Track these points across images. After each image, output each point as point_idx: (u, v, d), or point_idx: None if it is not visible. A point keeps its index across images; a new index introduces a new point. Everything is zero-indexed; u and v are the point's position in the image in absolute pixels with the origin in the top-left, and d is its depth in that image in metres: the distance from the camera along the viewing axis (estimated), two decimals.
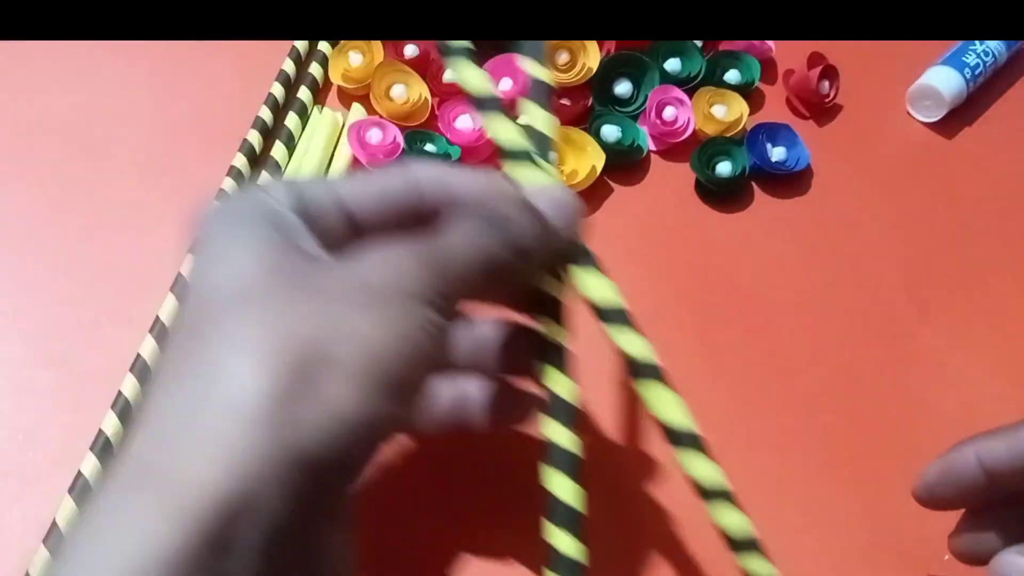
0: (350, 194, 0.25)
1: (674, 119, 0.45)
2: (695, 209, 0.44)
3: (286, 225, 0.23)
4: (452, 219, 0.24)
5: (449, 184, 0.26)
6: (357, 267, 0.22)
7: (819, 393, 0.39)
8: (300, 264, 0.22)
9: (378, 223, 0.25)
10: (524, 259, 0.24)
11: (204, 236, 0.23)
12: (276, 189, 0.24)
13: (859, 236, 0.44)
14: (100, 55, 0.47)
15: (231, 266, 0.21)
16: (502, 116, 0.27)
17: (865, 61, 0.50)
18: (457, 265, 0.23)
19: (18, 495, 0.34)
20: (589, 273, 0.26)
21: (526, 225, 0.24)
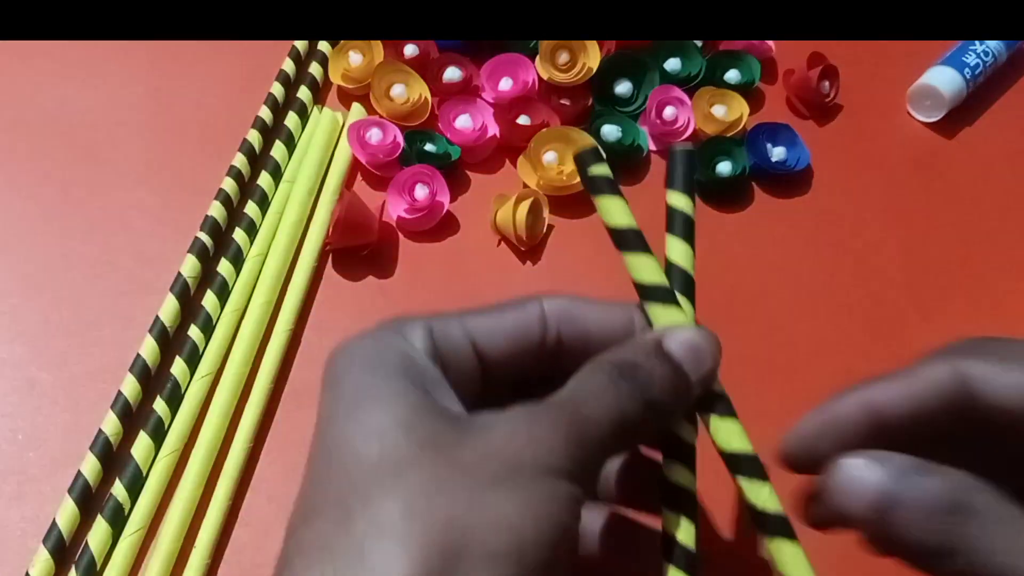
0: (480, 331, 0.24)
1: (674, 119, 0.45)
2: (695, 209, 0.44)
3: (424, 376, 0.22)
4: (583, 368, 0.23)
5: (577, 318, 0.25)
6: (498, 437, 0.21)
7: (819, 393, 0.39)
8: (442, 431, 0.21)
9: (507, 360, 0.25)
10: (658, 414, 0.23)
11: (340, 384, 0.23)
12: (412, 331, 0.24)
13: (859, 236, 0.44)
14: (100, 55, 0.47)
15: (374, 432, 0.21)
16: (644, 252, 0.25)
17: (865, 61, 0.50)
18: (594, 431, 0.22)
19: (18, 495, 0.34)
20: (724, 421, 0.25)
21: (660, 376, 0.23)
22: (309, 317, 0.40)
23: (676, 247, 0.26)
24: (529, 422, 0.21)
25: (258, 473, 0.35)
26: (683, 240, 0.26)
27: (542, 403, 0.22)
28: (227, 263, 0.39)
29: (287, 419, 0.37)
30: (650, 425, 0.23)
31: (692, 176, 0.26)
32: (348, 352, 0.23)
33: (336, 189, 0.42)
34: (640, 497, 0.28)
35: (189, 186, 0.42)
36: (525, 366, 0.25)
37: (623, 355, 0.23)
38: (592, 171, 0.26)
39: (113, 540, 0.33)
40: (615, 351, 0.24)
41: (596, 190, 0.26)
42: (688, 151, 0.26)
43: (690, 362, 0.24)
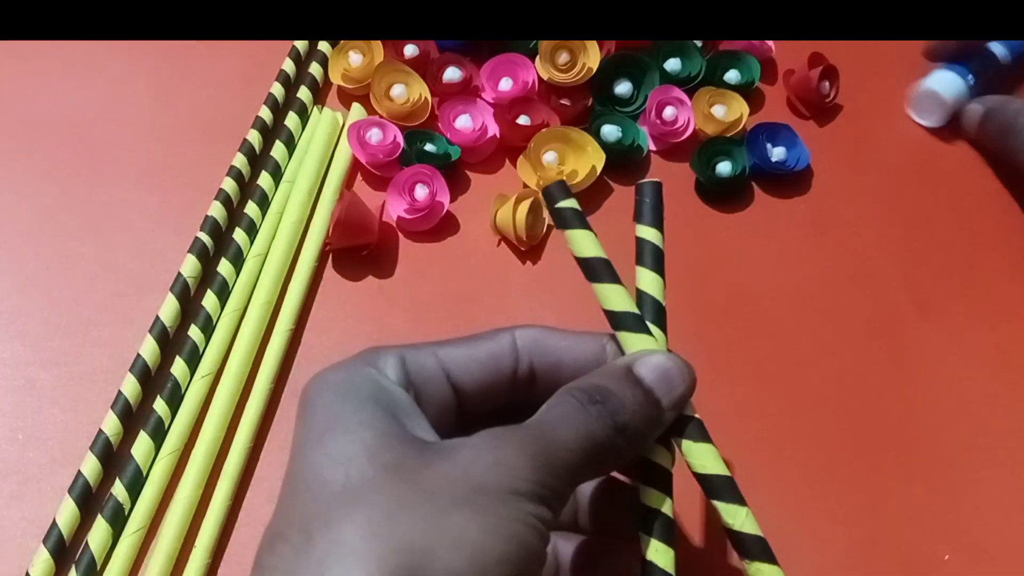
0: (453, 362, 0.25)
1: (674, 119, 0.45)
2: (695, 209, 0.44)
3: (395, 404, 0.23)
4: (554, 395, 0.23)
5: (548, 349, 0.25)
6: (462, 460, 0.21)
7: (819, 393, 0.39)
8: (408, 455, 0.21)
9: (481, 390, 0.25)
10: (629, 438, 0.23)
11: (311, 413, 0.23)
12: (385, 362, 0.24)
13: (859, 236, 0.44)
14: (100, 55, 0.47)
15: (340, 457, 0.21)
16: (613, 282, 0.26)
17: (865, 61, 0.50)
18: (562, 453, 0.22)
19: (18, 495, 0.34)
20: (697, 445, 0.25)
21: (631, 401, 0.23)
22: (309, 317, 0.40)
23: (646, 277, 0.26)
24: (495, 445, 0.21)
25: (258, 473, 0.35)
26: (653, 271, 0.26)
27: (509, 427, 0.22)
28: (227, 263, 0.39)
29: (287, 419, 0.37)
30: (621, 449, 0.23)
31: (660, 208, 0.27)
32: (321, 381, 0.23)
33: (336, 189, 0.42)
34: (615, 524, 0.28)
35: (189, 186, 0.42)
36: (499, 396, 0.25)
37: (594, 380, 0.24)
38: (560, 204, 0.26)
39: (113, 540, 0.33)
40: (586, 378, 0.24)
41: (564, 223, 0.26)
42: (656, 184, 0.27)
43: (661, 386, 0.24)
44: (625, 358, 0.25)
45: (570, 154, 0.43)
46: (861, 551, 0.35)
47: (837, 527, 0.35)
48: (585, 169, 0.42)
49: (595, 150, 0.43)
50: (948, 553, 0.35)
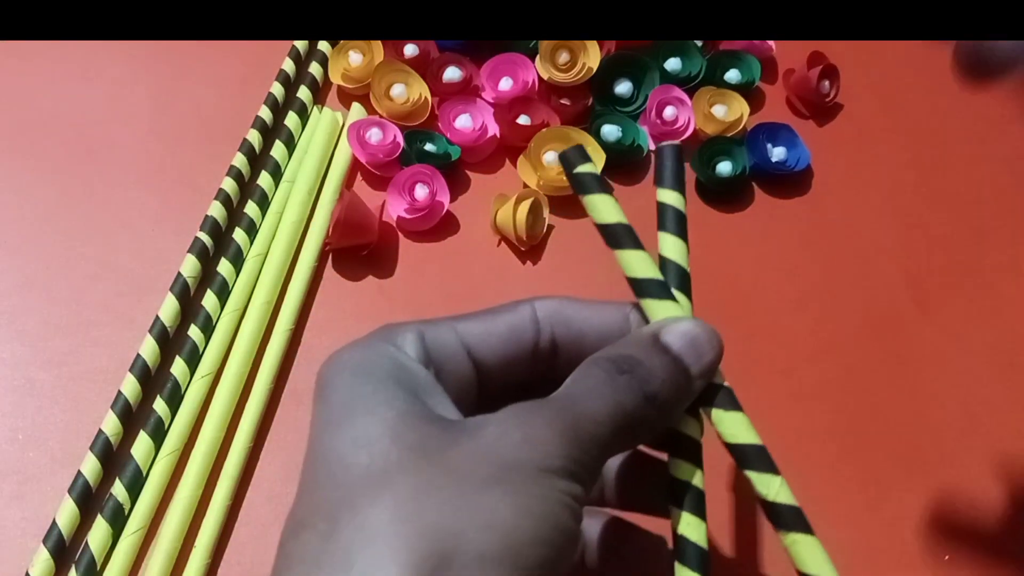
0: (473, 336, 0.24)
1: (674, 119, 0.45)
2: (695, 209, 0.44)
3: (416, 382, 0.22)
4: (580, 366, 0.23)
5: (570, 319, 0.25)
6: (489, 438, 0.20)
7: (819, 392, 0.39)
8: (433, 435, 0.20)
9: (502, 364, 0.24)
10: (659, 408, 0.22)
11: (329, 394, 0.22)
12: (403, 338, 0.23)
13: (859, 236, 0.44)
14: (100, 55, 0.47)
15: (363, 440, 0.20)
16: (636, 248, 0.25)
17: (865, 61, 0.50)
18: (591, 427, 0.21)
19: (18, 495, 0.34)
20: (728, 414, 0.24)
21: (660, 369, 0.22)
22: (309, 317, 0.40)
23: (669, 242, 0.26)
24: (522, 421, 0.21)
25: (258, 473, 0.35)
26: (676, 235, 0.26)
27: (536, 402, 0.21)
28: (227, 263, 0.39)
29: (287, 419, 0.37)
30: (652, 421, 0.22)
31: (681, 171, 0.26)
32: (338, 361, 0.23)
33: (336, 189, 0.42)
34: (643, 498, 0.27)
35: (189, 186, 0.42)
36: (521, 370, 0.25)
37: (620, 350, 0.23)
38: (579, 170, 0.25)
39: (113, 540, 0.33)
40: (612, 348, 0.23)
41: (584, 189, 0.25)
42: (675, 146, 0.26)
43: (690, 354, 0.23)
44: (651, 326, 0.24)
45: None
46: (861, 551, 0.35)
47: (837, 527, 0.35)
48: None
49: (595, 150, 0.43)
50: (948, 553, 0.35)
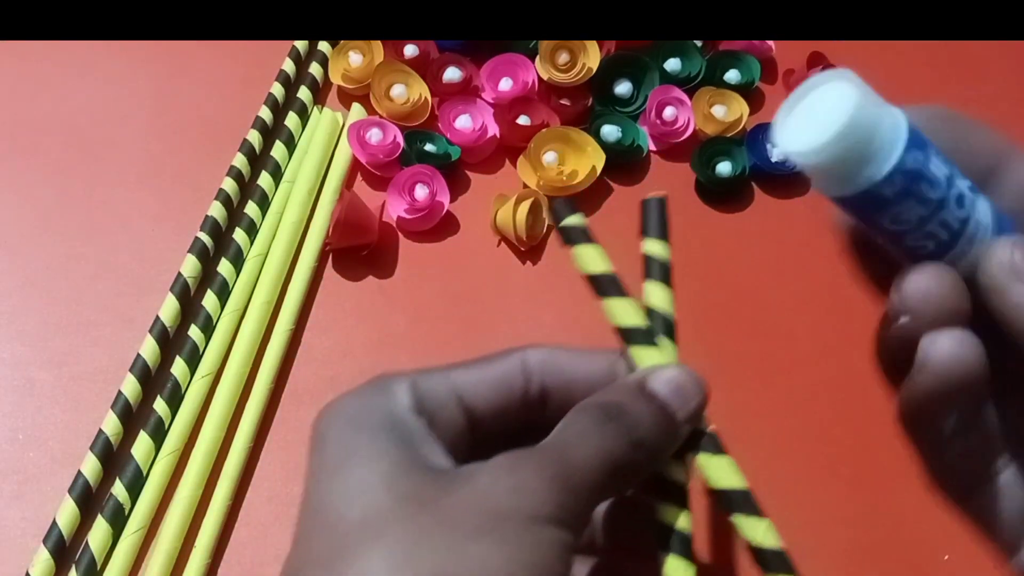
0: (465, 385, 0.24)
1: (674, 119, 0.45)
2: (695, 209, 0.44)
3: (409, 433, 0.22)
4: (568, 413, 0.23)
5: (560, 368, 0.25)
6: (481, 486, 0.21)
7: (819, 392, 0.39)
8: (426, 484, 0.21)
9: (494, 413, 0.25)
10: (646, 454, 0.23)
11: (324, 444, 0.22)
12: (397, 389, 0.24)
13: None
14: (100, 55, 0.47)
15: (357, 490, 0.21)
16: (622, 296, 0.26)
17: (865, 61, 0.50)
18: (581, 474, 0.21)
19: (18, 495, 0.34)
20: (714, 458, 0.24)
21: (646, 416, 0.23)
22: (309, 317, 0.40)
23: (655, 292, 0.26)
24: (512, 469, 0.21)
25: (258, 473, 0.35)
26: (662, 284, 0.26)
27: (526, 450, 0.22)
28: (227, 263, 0.39)
29: (287, 419, 0.37)
30: (639, 466, 0.23)
31: (665, 223, 0.27)
32: (333, 412, 0.23)
33: (336, 189, 0.42)
34: (632, 542, 0.27)
35: (189, 186, 0.42)
36: (512, 418, 0.25)
37: (607, 397, 0.23)
38: (567, 222, 0.26)
39: (113, 540, 0.33)
40: (599, 395, 0.24)
41: (571, 240, 0.26)
42: (660, 200, 0.27)
43: (675, 400, 0.24)
44: (637, 373, 0.25)
45: (570, 154, 0.43)
46: (861, 551, 0.35)
47: (837, 527, 0.35)
48: (585, 169, 0.42)
49: (595, 150, 0.43)
50: (948, 553, 0.35)
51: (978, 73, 0.50)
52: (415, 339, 0.39)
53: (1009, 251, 0.20)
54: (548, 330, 0.40)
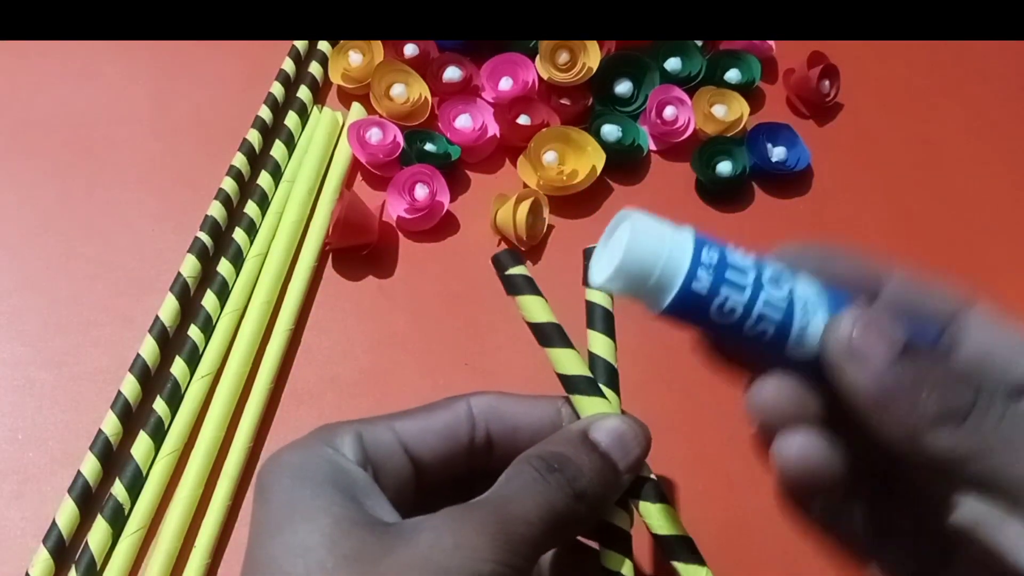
0: (410, 434, 0.25)
1: (674, 119, 0.45)
2: (695, 209, 0.44)
3: (353, 485, 0.22)
4: (511, 465, 0.23)
5: (504, 415, 0.26)
6: (422, 545, 0.21)
7: None
8: (368, 543, 0.21)
9: (438, 460, 0.25)
10: (589, 504, 0.23)
11: (268, 498, 0.22)
12: (341, 440, 0.24)
13: (859, 236, 0.44)
14: (100, 55, 0.47)
15: (299, 548, 0.21)
16: (565, 346, 0.26)
17: (865, 61, 0.50)
18: (523, 528, 0.21)
19: (18, 495, 0.34)
20: (655, 506, 0.25)
21: (588, 467, 0.23)
22: (309, 317, 0.40)
23: (598, 340, 0.27)
24: (454, 528, 0.21)
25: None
26: (604, 334, 0.27)
27: (469, 505, 0.22)
28: (227, 263, 0.39)
29: (287, 419, 0.37)
30: (582, 517, 0.23)
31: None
32: (278, 465, 0.23)
33: (336, 189, 0.42)
34: None
35: (189, 186, 0.42)
36: (458, 465, 0.25)
37: (550, 448, 0.23)
38: (510, 271, 0.27)
39: (113, 540, 0.33)
40: (542, 445, 0.24)
41: (515, 290, 0.27)
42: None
43: (617, 450, 0.24)
44: (580, 423, 0.25)
45: (570, 154, 0.43)
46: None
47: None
48: (585, 169, 0.42)
49: (595, 150, 0.43)
50: None
51: (978, 73, 0.50)
52: (415, 339, 0.39)
53: (849, 327, 0.19)
54: None
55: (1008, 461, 0.18)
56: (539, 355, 0.39)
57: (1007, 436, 0.18)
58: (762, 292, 0.20)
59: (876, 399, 0.19)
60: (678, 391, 0.38)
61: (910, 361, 0.19)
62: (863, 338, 0.19)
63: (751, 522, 0.35)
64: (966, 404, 0.18)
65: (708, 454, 0.37)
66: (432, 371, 0.38)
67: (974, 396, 0.18)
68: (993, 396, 0.18)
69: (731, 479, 0.37)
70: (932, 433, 0.18)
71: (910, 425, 0.18)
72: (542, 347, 0.26)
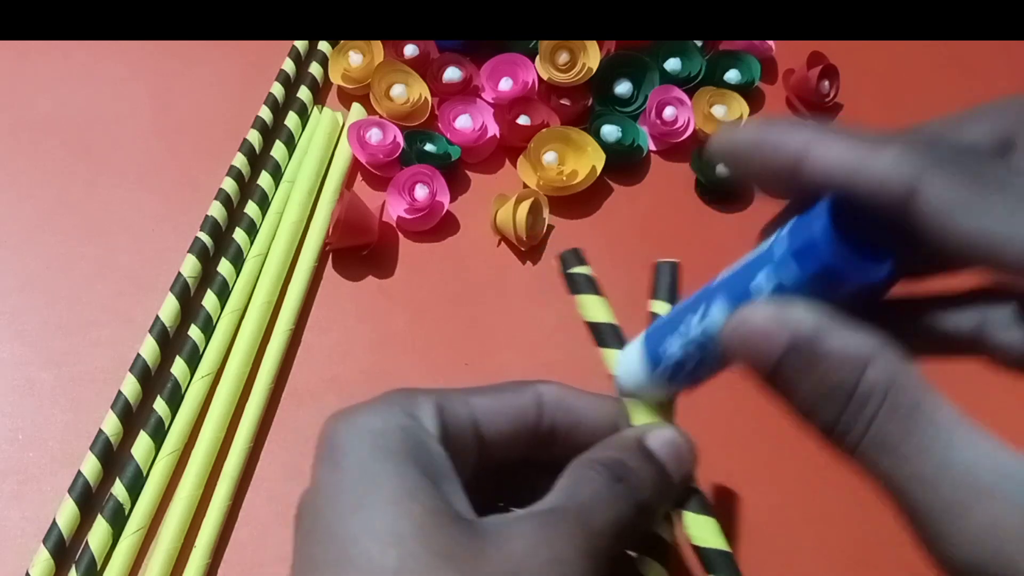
0: (483, 412, 0.24)
1: (674, 119, 0.45)
2: (695, 209, 0.44)
3: (434, 466, 0.22)
4: (574, 466, 0.23)
5: (570, 407, 0.25)
6: (517, 553, 0.20)
7: None
8: (460, 542, 0.20)
9: (505, 441, 0.24)
10: (646, 515, 0.23)
11: (344, 462, 0.21)
12: (422, 410, 0.23)
13: None
14: (100, 55, 0.47)
15: (390, 537, 0.20)
16: (621, 348, 0.26)
17: (865, 61, 0.50)
18: (601, 541, 0.21)
19: (18, 495, 0.34)
20: (699, 517, 0.25)
21: (647, 478, 0.23)
22: (309, 317, 0.40)
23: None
24: (548, 538, 0.21)
25: (258, 473, 0.35)
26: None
27: (553, 512, 0.22)
28: (227, 263, 0.39)
29: (287, 419, 0.37)
30: (638, 527, 0.23)
31: (676, 286, 0.28)
32: (353, 424, 0.22)
33: (336, 189, 0.42)
34: None
35: (189, 186, 0.42)
36: (519, 450, 0.25)
37: (611, 454, 0.23)
38: (574, 271, 0.27)
39: (113, 540, 0.33)
40: (602, 449, 0.24)
41: (577, 289, 0.27)
42: (673, 264, 0.28)
43: (672, 461, 0.24)
44: (635, 429, 0.25)
45: (570, 154, 0.43)
46: (861, 551, 0.35)
47: (837, 527, 0.35)
48: (585, 169, 0.42)
49: (595, 150, 0.43)
50: None
51: (978, 73, 0.50)
52: (415, 339, 0.39)
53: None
54: (548, 330, 0.40)
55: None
56: (539, 355, 0.39)
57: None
58: (685, 340, 0.22)
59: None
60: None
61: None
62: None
63: (751, 522, 0.35)
64: None
65: (708, 454, 0.37)
66: (432, 371, 0.38)
67: None
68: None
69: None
70: None
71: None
72: (598, 346, 0.26)
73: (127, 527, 0.33)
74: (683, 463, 0.24)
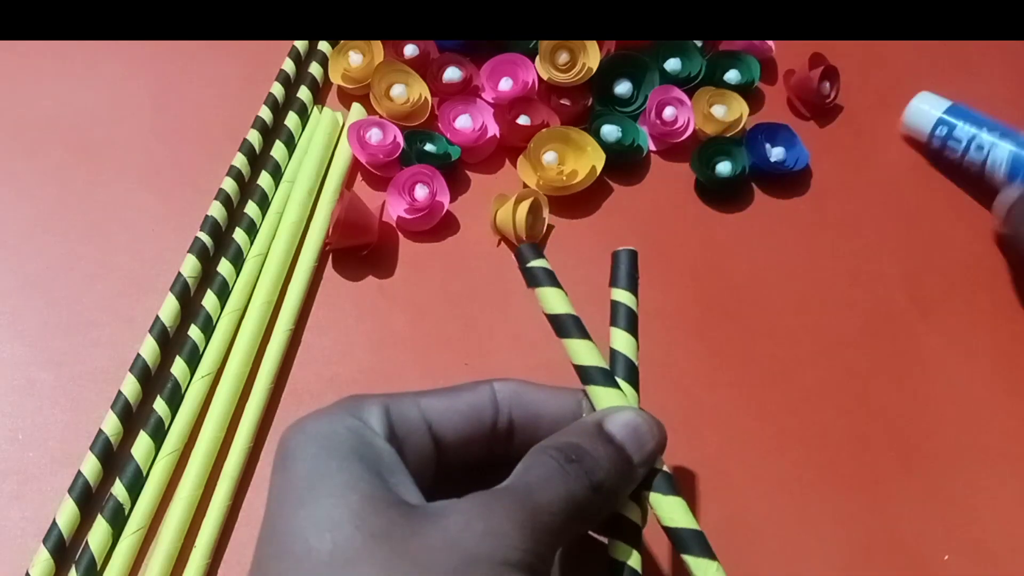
0: (436, 413, 0.25)
1: (674, 119, 0.45)
2: (695, 209, 0.44)
3: (379, 461, 0.22)
4: (530, 453, 0.23)
5: (527, 402, 0.26)
6: (452, 528, 0.21)
7: (819, 393, 0.39)
8: (396, 522, 0.21)
9: (461, 441, 0.25)
10: (605, 496, 0.23)
11: (292, 466, 0.22)
12: (369, 412, 0.23)
13: (858, 236, 0.44)
14: (100, 55, 0.47)
15: (326, 523, 0.20)
16: (582, 337, 0.26)
17: (865, 61, 0.50)
18: (547, 518, 0.22)
19: (18, 495, 0.34)
20: (667, 498, 0.25)
21: (604, 459, 0.23)
22: (309, 317, 0.40)
23: (620, 337, 0.27)
24: (484, 513, 0.21)
25: (258, 473, 0.35)
26: (627, 331, 0.27)
27: (495, 491, 0.22)
28: (227, 263, 0.39)
29: (287, 419, 0.37)
30: (598, 508, 0.23)
31: (635, 274, 0.28)
32: (303, 432, 0.23)
33: (336, 189, 0.42)
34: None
35: (189, 186, 0.42)
36: (477, 449, 0.25)
37: (566, 439, 0.24)
38: (531, 264, 0.28)
39: (113, 540, 0.33)
40: (559, 435, 0.24)
41: (536, 282, 0.27)
42: (631, 252, 0.29)
43: (632, 443, 0.24)
44: (595, 415, 0.25)
45: (570, 154, 0.43)
46: (861, 551, 0.35)
47: (837, 527, 0.35)
48: (585, 169, 0.42)
49: (595, 150, 0.43)
50: (948, 553, 0.35)
51: (978, 73, 0.50)
52: (415, 339, 0.39)
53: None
54: (548, 330, 0.39)
55: None
56: (539, 356, 0.39)
57: None
58: None
59: None
60: (678, 391, 0.38)
61: None
62: None
63: (751, 522, 0.35)
64: None
65: (708, 454, 0.37)
66: (432, 371, 0.38)
67: None
68: None
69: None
70: None
71: None
72: (560, 338, 0.26)
73: (127, 527, 0.33)
74: (644, 444, 0.24)
